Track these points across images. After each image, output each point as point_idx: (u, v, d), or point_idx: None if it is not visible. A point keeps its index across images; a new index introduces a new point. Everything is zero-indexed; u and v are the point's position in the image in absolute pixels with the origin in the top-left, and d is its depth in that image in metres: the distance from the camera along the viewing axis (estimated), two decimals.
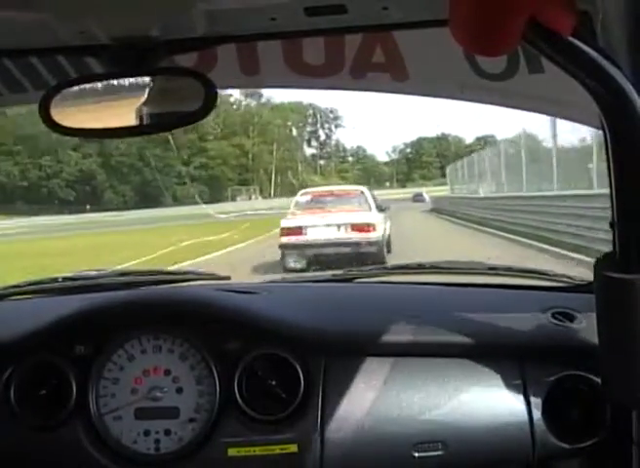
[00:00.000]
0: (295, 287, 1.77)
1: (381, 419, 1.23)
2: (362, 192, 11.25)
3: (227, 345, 1.28)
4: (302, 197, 11.42)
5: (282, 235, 9.88)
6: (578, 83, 0.73)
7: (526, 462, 1.24)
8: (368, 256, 8.94)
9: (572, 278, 1.60)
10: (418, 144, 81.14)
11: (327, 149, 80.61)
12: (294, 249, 9.68)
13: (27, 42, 1.06)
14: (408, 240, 12.71)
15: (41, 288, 1.72)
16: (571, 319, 1.34)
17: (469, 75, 1.35)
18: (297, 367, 1.25)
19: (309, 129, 78.91)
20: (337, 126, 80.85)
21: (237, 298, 1.43)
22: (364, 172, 75.92)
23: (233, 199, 53.22)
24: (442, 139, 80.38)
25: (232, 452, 1.23)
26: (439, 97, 1.51)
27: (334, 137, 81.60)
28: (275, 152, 66.72)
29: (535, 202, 13.74)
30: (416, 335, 1.31)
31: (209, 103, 0.98)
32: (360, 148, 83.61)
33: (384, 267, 1.81)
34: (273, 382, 1.26)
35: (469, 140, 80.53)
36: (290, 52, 1.39)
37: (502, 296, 1.58)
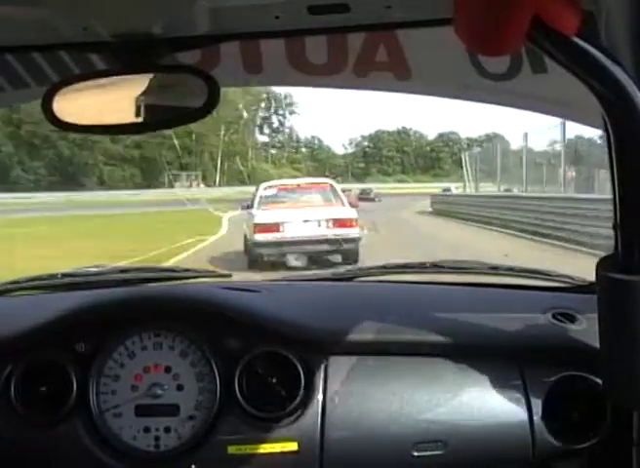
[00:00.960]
0: (295, 285, 1.77)
1: (381, 419, 1.23)
2: (331, 185, 10.63)
3: (228, 343, 1.28)
4: (267, 191, 10.51)
5: (256, 232, 9.14)
6: (581, 83, 0.73)
7: (526, 462, 1.24)
8: (347, 254, 8.68)
9: (573, 278, 1.60)
10: (377, 138, 76.10)
11: (280, 137, 74.18)
12: (270, 247, 8.98)
13: (30, 39, 1.06)
14: None
15: (40, 284, 1.72)
16: (571, 320, 1.34)
17: (472, 75, 1.35)
18: (297, 365, 1.25)
19: (262, 114, 71.60)
20: (291, 112, 73.39)
21: (238, 296, 1.43)
22: (318, 163, 71.08)
23: (170, 185, 45.91)
24: (403, 134, 76.08)
25: (232, 450, 1.23)
26: (442, 97, 1.51)
27: (287, 124, 74.88)
28: (223, 135, 58.85)
29: None
30: (416, 335, 1.31)
31: (212, 101, 0.98)
32: (315, 138, 77.63)
33: (384, 266, 1.81)
34: (274, 380, 1.26)
35: (431, 136, 77.72)
36: (293, 50, 1.39)
37: (503, 296, 1.58)
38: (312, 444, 1.23)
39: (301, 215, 9.32)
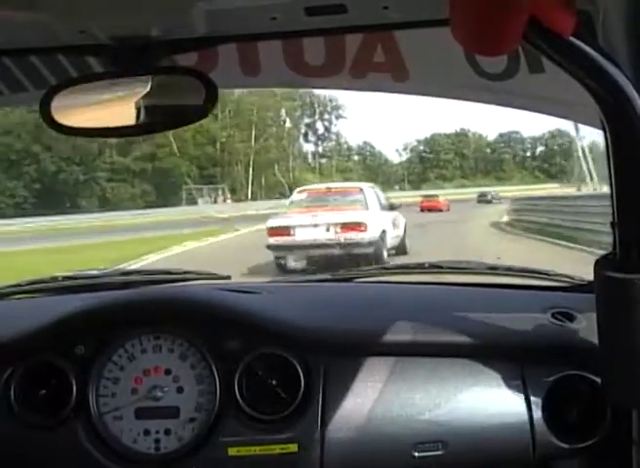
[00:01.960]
0: (295, 286, 1.77)
1: (381, 419, 1.23)
2: (361, 189, 10.67)
3: (228, 345, 1.28)
4: (298, 195, 10.96)
5: (269, 235, 9.52)
6: (578, 83, 0.73)
7: (526, 462, 1.24)
8: (363, 258, 8.57)
9: (572, 278, 1.60)
10: (433, 141, 70.52)
11: (326, 144, 66.40)
12: (282, 250, 9.29)
13: (28, 41, 1.06)
14: None
15: (41, 287, 1.72)
16: (571, 319, 1.34)
17: (470, 75, 1.35)
18: (297, 366, 1.25)
19: (306, 120, 64.19)
20: (338, 117, 65.90)
21: (237, 298, 1.43)
22: (371, 171, 66.00)
23: (190, 202, 40.16)
24: (461, 136, 70.66)
25: (232, 452, 1.23)
26: (440, 97, 1.51)
27: (334, 130, 67.02)
28: (254, 141, 51.37)
29: None
30: (415, 335, 1.31)
31: (210, 103, 0.98)
32: (367, 144, 70.62)
33: (384, 267, 1.82)
34: (273, 382, 1.26)
35: (491, 137, 73.34)
36: (290, 51, 1.40)
37: (503, 296, 1.58)
38: (312, 445, 1.23)
39: (313, 220, 9.46)
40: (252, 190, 50.58)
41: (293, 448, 1.23)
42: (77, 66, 1.31)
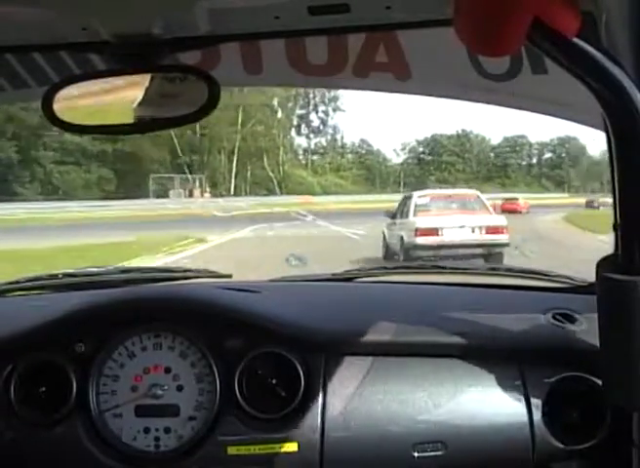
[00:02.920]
0: (295, 286, 1.77)
1: (381, 419, 1.23)
2: (478, 196, 11.66)
3: (228, 343, 1.28)
4: (422, 199, 11.42)
5: (417, 235, 10.03)
6: (581, 84, 0.73)
7: (525, 463, 1.24)
8: (494, 257, 9.36)
9: (572, 279, 1.60)
10: (433, 142, 65.58)
11: (321, 140, 59.75)
12: (429, 250, 9.76)
13: (30, 38, 1.05)
14: None
15: (41, 284, 1.72)
16: (571, 320, 1.34)
17: (472, 75, 1.35)
18: (297, 365, 1.25)
19: (299, 112, 57.32)
20: (335, 109, 58.44)
21: (238, 297, 1.43)
22: (368, 171, 61.43)
23: (162, 194, 33.73)
24: (463, 138, 65.94)
25: (232, 451, 1.23)
26: (442, 98, 1.50)
27: (330, 123, 60.73)
28: (241, 126, 43.40)
29: None
30: (416, 335, 1.31)
31: (212, 101, 0.98)
32: (364, 142, 64.20)
33: (384, 267, 1.82)
34: (273, 381, 1.26)
35: (496, 140, 68.90)
36: (293, 50, 1.39)
37: (503, 297, 1.58)
38: (312, 444, 1.23)
39: (458, 222, 10.17)
40: (235, 184, 43.87)
41: (292, 447, 1.23)
42: (79, 64, 1.31)
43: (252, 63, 1.42)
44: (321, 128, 60.25)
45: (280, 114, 50.59)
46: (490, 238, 9.98)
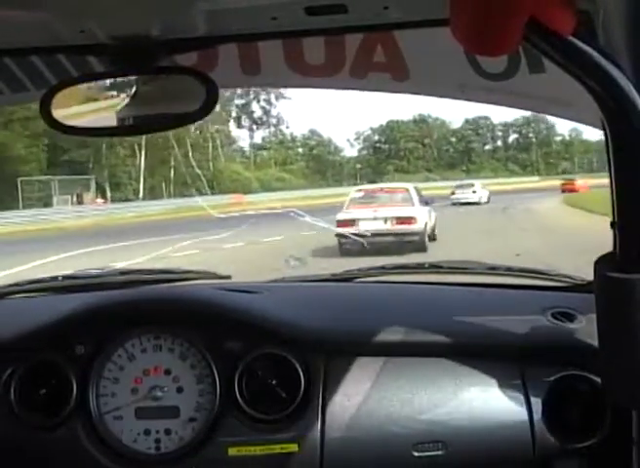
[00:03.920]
0: (295, 286, 1.77)
1: (381, 419, 1.23)
2: (407, 190, 13.14)
3: (228, 345, 1.28)
4: (357, 193, 13.21)
5: (338, 226, 11.36)
6: (578, 83, 0.73)
7: (526, 462, 1.24)
8: (410, 244, 10.94)
9: (572, 278, 1.60)
10: (388, 129, 61.91)
11: (265, 130, 55.50)
12: (347, 238, 11.19)
13: (28, 41, 1.06)
14: None
15: (41, 286, 1.72)
16: (571, 319, 1.34)
17: (470, 75, 1.35)
18: (297, 366, 1.25)
19: (238, 101, 52.85)
20: (278, 97, 53.23)
21: (237, 298, 1.43)
22: (319, 163, 56.47)
23: (35, 202, 26.26)
24: (420, 123, 62.40)
25: (232, 452, 1.23)
26: (440, 97, 1.51)
27: (274, 113, 55.91)
28: None
29: None
30: (416, 335, 1.31)
31: (210, 102, 0.98)
32: (314, 133, 59.74)
33: (384, 267, 1.81)
34: (273, 382, 1.26)
35: (457, 124, 65.54)
36: (290, 51, 1.39)
37: (502, 296, 1.58)
38: (312, 445, 1.23)
39: (373, 214, 11.67)
40: (153, 184, 36.54)
41: (293, 448, 1.23)
42: (78, 66, 1.31)
43: (249, 64, 1.42)
44: (264, 118, 56.19)
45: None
46: (399, 228, 11.45)
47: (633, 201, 0.75)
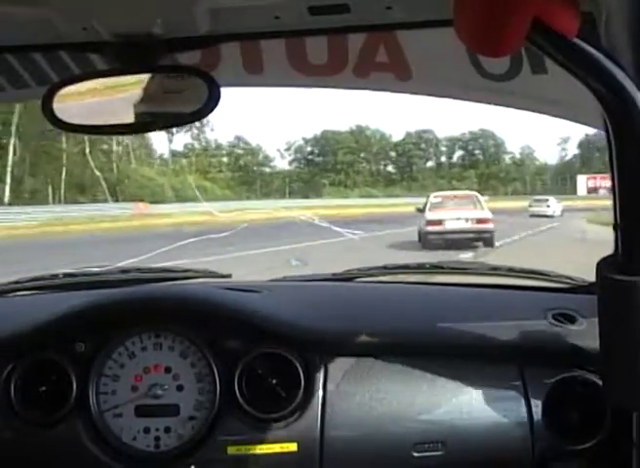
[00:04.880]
0: (295, 286, 1.77)
1: (381, 419, 1.23)
2: (476, 195, 16.23)
3: (228, 343, 1.28)
4: (435, 199, 15.71)
5: (427, 225, 14.04)
6: (581, 84, 0.73)
7: (525, 463, 1.24)
8: (483, 240, 13.49)
9: (573, 279, 1.60)
10: (324, 140, 56.18)
11: (185, 133, 50.38)
12: (436, 234, 13.78)
13: (30, 38, 1.06)
14: None
15: (41, 284, 1.72)
16: (571, 320, 1.34)
17: (473, 75, 1.35)
18: (297, 365, 1.25)
19: None
20: None
21: (238, 297, 1.43)
22: (246, 174, 51.49)
23: None
24: (357, 134, 57.24)
25: (232, 451, 1.24)
26: (442, 97, 1.51)
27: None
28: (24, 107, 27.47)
29: None
30: (415, 336, 1.31)
31: (212, 101, 0.98)
32: (240, 140, 54.07)
33: (384, 267, 1.81)
34: (274, 381, 1.26)
35: (397, 136, 60.69)
36: (293, 51, 1.39)
37: (503, 297, 1.58)
38: (312, 444, 1.23)
39: (456, 215, 14.10)
40: (25, 188, 30.33)
41: (292, 447, 1.23)
42: (79, 63, 1.31)
43: (252, 63, 1.42)
44: None
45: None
46: (478, 227, 13.87)
47: (636, 202, 0.75)
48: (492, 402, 1.25)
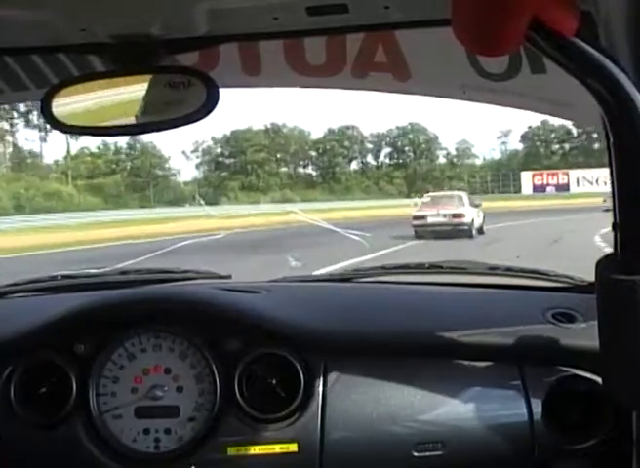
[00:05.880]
0: (295, 286, 1.77)
1: (381, 419, 1.23)
2: (461, 196, 18.74)
3: (228, 344, 1.28)
4: (426, 198, 19.18)
5: (414, 219, 17.08)
6: (580, 83, 0.73)
7: (525, 463, 1.24)
8: (460, 232, 15.82)
9: (572, 278, 1.60)
10: (234, 140, 50.17)
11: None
12: (420, 227, 16.56)
13: (29, 40, 1.06)
14: None
15: (41, 286, 1.72)
16: (571, 319, 1.34)
17: (471, 75, 1.35)
18: (297, 366, 1.25)
19: None
20: None
21: (238, 297, 1.43)
22: (137, 177, 44.58)
23: None
24: (272, 133, 51.45)
25: (232, 452, 1.23)
26: (441, 97, 1.51)
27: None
28: None
29: None
30: (415, 336, 1.31)
31: (210, 102, 0.98)
32: (135, 141, 46.37)
33: (384, 267, 1.81)
34: (273, 381, 1.26)
35: (317, 133, 55.03)
36: (291, 51, 1.39)
37: (502, 297, 1.58)
38: (312, 445, 1.23)
39: (435, 211, 16.89)
40: None
41: (292, 448, 1.23)
42: (78, 65, 1.31)
43: (250, 64, 1.42)
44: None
45: None
46: (453, 221, 16.70)
47: (635, 202, 0.75)
48: (491, 401, 1.25)
